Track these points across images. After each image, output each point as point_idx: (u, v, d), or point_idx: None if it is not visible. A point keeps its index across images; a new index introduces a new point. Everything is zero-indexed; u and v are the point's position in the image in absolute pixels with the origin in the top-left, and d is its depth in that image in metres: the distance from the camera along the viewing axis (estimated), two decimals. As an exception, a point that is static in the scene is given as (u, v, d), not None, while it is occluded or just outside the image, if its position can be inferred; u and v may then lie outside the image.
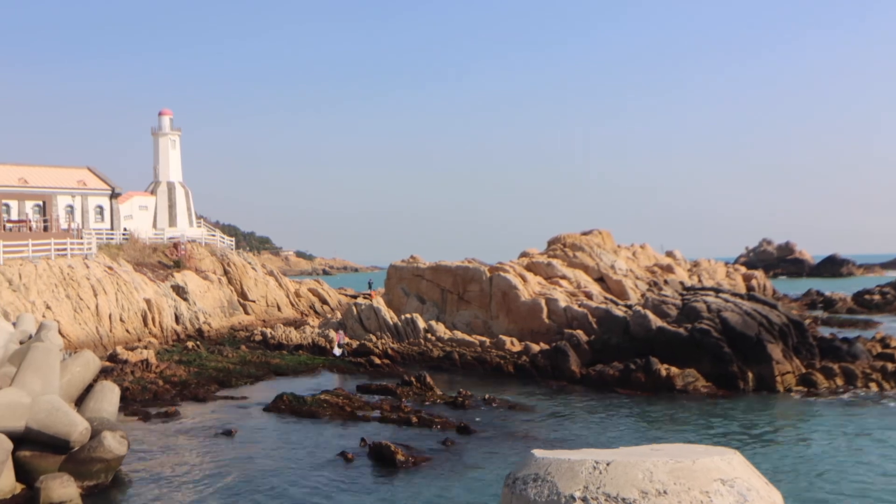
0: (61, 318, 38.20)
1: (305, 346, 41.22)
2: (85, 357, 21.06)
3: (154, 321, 45.18)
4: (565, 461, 2.78)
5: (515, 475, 2.89)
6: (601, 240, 41.01)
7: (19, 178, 55.34)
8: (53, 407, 17.45)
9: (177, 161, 66.48)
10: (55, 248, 43.59)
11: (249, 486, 18.11)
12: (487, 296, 38.07)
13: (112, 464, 17.86)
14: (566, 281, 38.01)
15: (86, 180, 59.49)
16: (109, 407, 19.88)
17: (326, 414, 25.41)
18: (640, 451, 2.94)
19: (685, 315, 32.16)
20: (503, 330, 36.55)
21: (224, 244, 65.08)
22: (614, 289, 37.52)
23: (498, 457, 20.42)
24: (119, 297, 43.89)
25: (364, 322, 41.07)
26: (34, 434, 17.20)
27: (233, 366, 35.29)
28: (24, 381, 17.66)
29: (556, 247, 41.37)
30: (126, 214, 60.96)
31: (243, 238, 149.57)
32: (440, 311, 39.93)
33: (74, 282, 41.87)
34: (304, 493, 17.52)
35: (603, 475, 2.65)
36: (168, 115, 66.94)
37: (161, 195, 64.96)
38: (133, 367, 32.80)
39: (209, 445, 21.97)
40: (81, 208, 57.67)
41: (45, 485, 15.66)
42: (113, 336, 41.19)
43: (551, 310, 35.64)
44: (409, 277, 42.22)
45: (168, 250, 57.63)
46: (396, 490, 17.78)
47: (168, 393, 29.33)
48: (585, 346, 32.83)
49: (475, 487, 17.90)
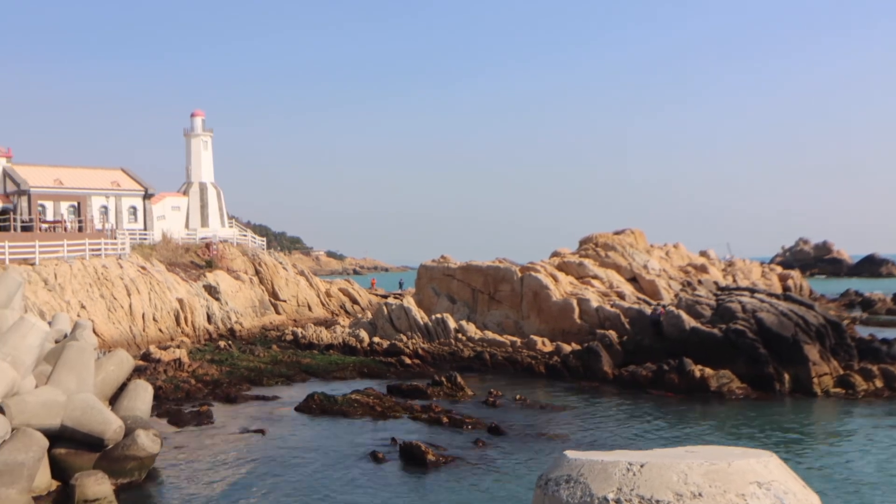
0: (95, 318, 38.63)
1: (336, 345, 41.28)
2: (119, 356, 21.22)
3: (186, 321, 45.54)
4: (598, 462, 2.77)
5: (548, 476, 2.87)
6: (634, 239, 40.58)
7: (55, 179, 56.12)
8: (88, 405, 17.58)
9: (209, 162, 66.99)
10: (90, 249, 44.10)
11: (280, 484, 18.11)
12: (518, 296, 37.85)
13: (145, 462, 17.95)
14: (598, 281, 37.67)
15: (119, 181, 60.17)
16: (143, 405, 20.01)
17: (357, 413, 25.39)
18: (675, 453, 2.93)
19: (719, 315, 31.72)
20: (534, 330, 36.31)
21: (255, 244, 65.47)
22: (647, 289, 37.12)
23: (529, 457, 20.26)
24: (152, 296, 44.29)
25: (394, 322, 41.03)
26: (69, 432, 17.34)
27: (264, 365, 35.44)
28: (60, 380, 17.82)
29: (587, 246, 41.03)
30: (159, 215, 61.54)
31: (274, 238, 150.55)
32: (471, 310, 39.77)
33: (108, 281, 42.32)
34: (334, 493, 17.48)
35: (637, 477, 2.63)
36: (200, 117, 67.48)
37: (193, 196, 65.49)
38: (166, 366, 33.06)
39: (241, 444, 22.04)
40: (115, 209, 58.33)
41: (80, 482, 15.77)
42: (146, 335, 41.58)
43: (583, 310, 35.35)
44: (440, 277, 42.11)
45: (200, 250, 58.09)
46: (427, 490, 17.69)
47: (200, 392, 29.51)
48: (618, 347, 32.51)
49: (506, 488, 17.76)
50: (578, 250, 41.58)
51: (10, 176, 54.65)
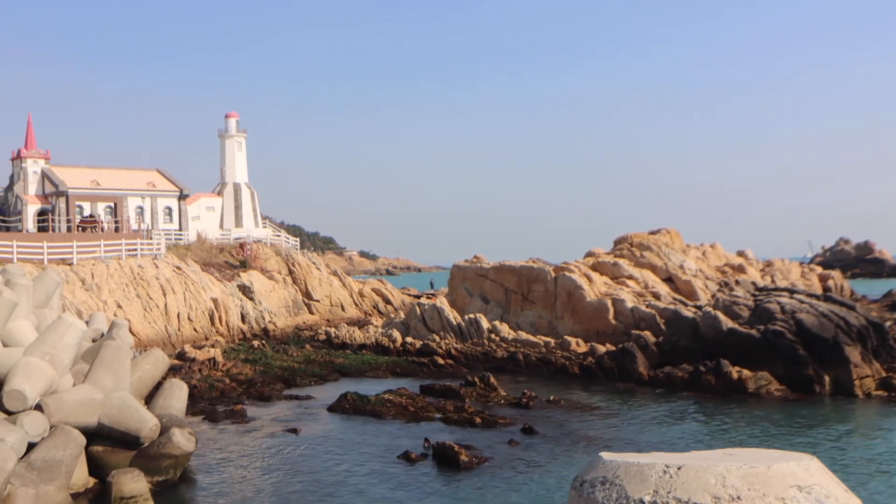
0: (132, 317, 39.07)
1: (369, 345, 41.33)
2: (154, 355, 21.38)
3: (221, 320, 45.90)
4: (634, 464, 2.74)
5: (583, 478, 2.85)
6: (669, 239, 40.10)
7: (92, 180, 56.90)
8: (124, 403, 17.70)
9: (243, 162, 67.49)
10: (126, 249, 44.63)
11: (313, 484, 18.10)
12: (552, 296, 37.58)
13: (180, 460, 18.04)
14: (633, 281, 37.28)
15: (155, 182, 60.85)
16: (178, 404, 20.12)
17: (390, 414, 25.33)
18: (713, 456, 2.89)
19: (758, 316, 31.20)
20: (568, 330, 36.03)
21: (289, 244, 65.84)
22: (683, 289, 36.65)
23: (563, 459, 20.06)
24: (187, 296, 44.70)
25: (427, 322, 40.98)
26: (106, 430, 17.48)
27: (297, 365, 35.57)
28: (97, 378, 17.97)
29: (622, 246, 40.62)
30: (194, 215, 62.13)
31: (308, 238, 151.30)
32: (504, 311, 39.58)
33: (144, 281, 42.78)
34: (367, 493, 17.42)
35: (674, 479, 2.60)
36: (234, 118, 68.02)
37: (227, 196, 66.02)
38: (200, 365, 33.31)
39: (274, 443, 22.09)
40: (151, 209, 59.00)
41: (117, 479, 15.87)
42: (181, 335, 41.96)
43: (618, 310, 34.99)
44: (473, 277, 41.97)
45: (234, 250, 58.54)
46: (460, 490, 17.57)
47: (234, 391, 29.66)
48: (653, 348, 32.13)
49: (540, 489, 17.59)
50: (613, 250, 41.19)
51: (49, 177, 55.53)
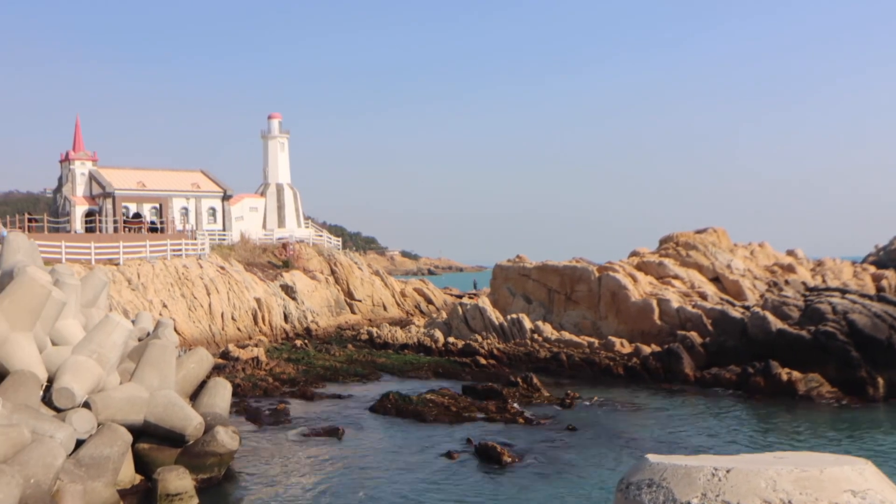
0: (177, 317, 39.52)
1: (411, 345, 41.29)
2: (199, 354, 21.53)
3: (264, 320, 46.25)
4: (682, 467, 2.69)
5: (629, 480, 2.82)
6: (716, 238, 39.39)
7: (138, 181, 57.79)
8: (170, 402, 17.83)
9: (285, 163, 68.03)
10: (171, 249, 45.17)
11: (355, 483, 18.07)
12: (596, 296, 37.15)
13: (224, 458, 18.12)
14: (679, 281, 36.68)
15: (199, 183, 61.59)
16: (222, 403, 20.23)
17: (432, 414, 25.22)
18: (763, 459, 2.84)
19: (808, 317, 30.49)
20: (612, 331, 35.59)
21: (331, 244, 66.18)
22: (731, 289, 35.95)
23: (607, 460, 19.81)
24: (231, 296, 45.11)
25: (469, 322, 40.81)
26: (152, 428, 17.63)
27: (340, 364, 35.67)
28: (143, 377, 18.13)
29: (668, 246, 40.01)
30: (237, 216, 62.77)
31: (350, 238, 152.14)
32: (547, 311, 39.24)
33: (189, 281, 43.26)
34: (409, 493, 17.35)
35: (722, 482, 2.55)
36: (277, 119, 68.58)
37: (270, 197, 66.58)
38: (244, 364, 33.55)
39: (316, 442, 22.12)
40: (195, 210, 59.73)
41: (162, 476, 15.98)
42: (225, 334, 42.35)
43: (663, 310, 34.46)
44: (515, 277, 41.70)
45: (277, 250, 58.99)
46: (502, 491, 17.43)
47: (277, 390, 29.79)
48: (700, 349, 31.58)
49: (583, 491, 17.36)
50: (658, 250, 40.60)
51: (96, 179, 56.52)
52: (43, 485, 13.39)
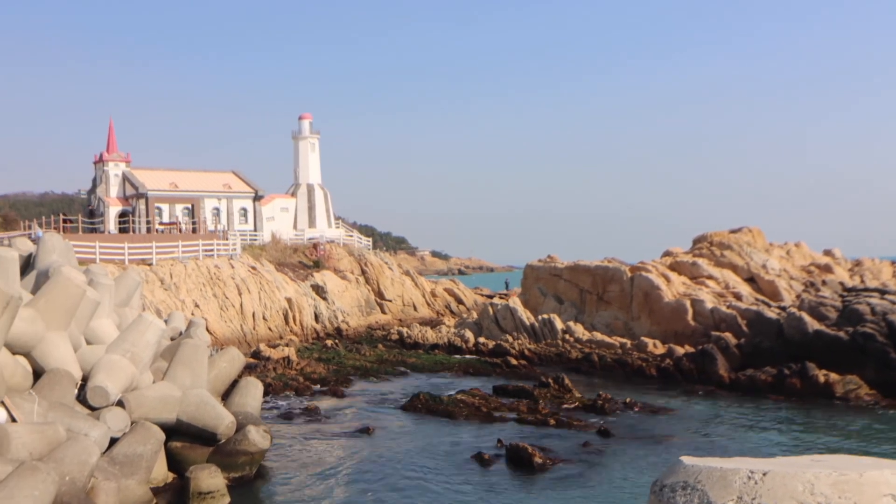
0: (208, 316, 39.81)
1: (441, 345, 41.23)
2: (231, 353, 21.61)
3: (295, 319, 46.46)
4: (717, 469, 2.67)
5: (663, 482, 2.79)
6: (751, 238, 38.85)
7: (170, 182, 58.36)
8: (202, 401, 17.91)
9: (316, 163, 68.34)
10: (203, 249, 45.52)
11: (385, 483, 18.02)
12: (628, 296, 36.82)
13: (256, 457, 18.16)
14: (713, 281, 36.23)
15: (231, 184, 62.06)
16: (253, 402, 20.31)
17: (462, 414, 25.12)
18: (800, 462, 2.80)
19: (846, 318, 29.94)
20: (645, 331, 35.24)
21: (361, 244, 66.36)
22: (766, 289, 35.42)
23: (639, 462, 19.54)
24: (262, 295, 45.36)
25: (500, 322, 40.66)
26: (184, 426, 17.72)
27: (370, 364, 35.70)
28: (175, 376, 18.23)
29: (701, 245, 39.55)
30: (268, 216, 63.18)
31: (380, 238, 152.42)
32: (579, 311, 38.98)
33: (220, 281, 43.57)
34: (439, 493, 17.27)
35: (759, 486, 2.51)
36: (308, 119, 68.92)
37: (301, 197, 66.93)
38: (275, 363, 33.70)
39: (347, 442, 22.10)
40: (227, 211, 60.21)
41: (195, 475, 16.05)
42: (256, 333, 42.59)
43: (697, 311, 34.04)
44: (547, 277, 41.47)
45: (308, 251, 59.27)
46: (533, 492, 17.28)
47: (308, 390, 29.87)
48: (734, 350, 31.14)
49: (615, 493, 17.14)
50: (692, 249, 40.15)
51: (130, 180, 57.16)
52: (78, 482, 13.49)
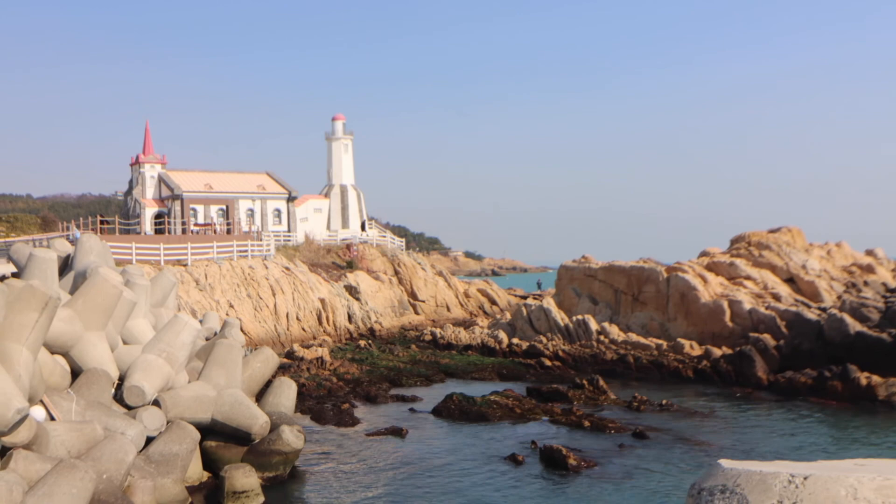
0: (243, 317, 40.04)
1: (475, 346, 41.07)
2: (265, 353, 21.67)
3: (328, 320, 46.57)
4: (756, 473, 2.63)
5: (701, 485, 2.76)
6: (790, 238, 38.16)
7: (205, 184, 58.85)
8: (236, 400, 17.97)
9: (349, 164, 68.52)
10: (237, 250, 45.81)
11: (419, 484, 17.94)
12: (664, 297, 36.37)
13: (290, 457, 18.18)
14: (751, 282, 35.63)
15: (265, 185, 62.43)
16: (287, 402, 20.34)
17: (496, 415, 24.97)
18: (842, 466, 2.74)
19: (889, 319, 29.32)
20: (681, 333, 34.78)
21: (394, 245, 66.39)
22: (806, 290, 34.77)
23: (676, 465, 19.26)
24: (295, 296, 45.53)
25: (534, 323, 40.40)
26: (219, 426, 17.79)
27: (403, 365, 35.64)
28: (210, 376, 18.32)
29: (739, 245, 38.93)
30: (301, 217, 63.45)
31: (413, 239, 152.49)
32: (613, 312, 38.60)
33: (255, 282, 43.80)
34: (474, 495, 17.16)
35: (800, 490, 2.47)
36: (341, 120, 69.11)
37: (334, 198, 67.14)
38: (309, 364, 33.78)
39: (380, 443, 22.05)
40: (261, 212, 60.57)
41: (229, 474, 16.10)
42: (290, 334, 42.76)
43: (734, 312, 33.51)
44: (581, 278, 41.13)
45: (341, 251, 59.44)
46: (568, 495, 17.09)
47: (341, 390, 29.88)
48: (773, 352, 30.62)
49: (651, 496, 16.91)
50: (729, 249, 39.55)
51: (165, 181, 57.75)
52: (115, 480, 13.58)
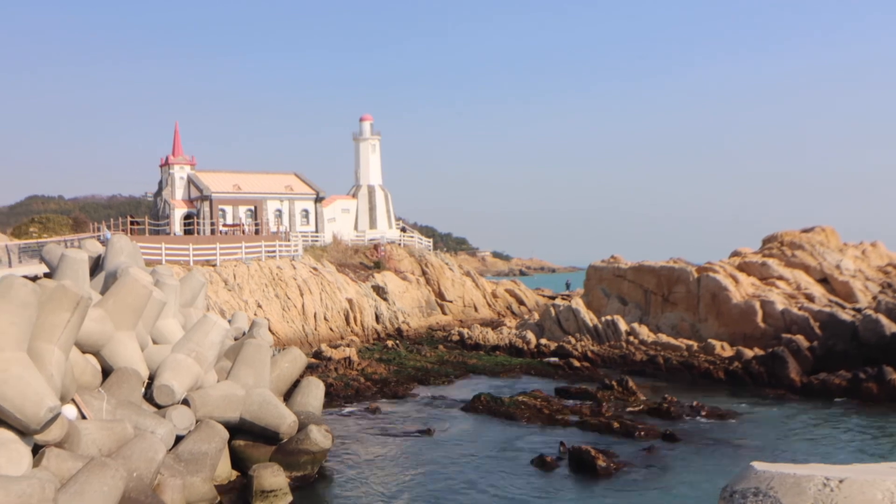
0: (271, 317, 40.23)
1: (502, 346, 40.92)
2: (293, 353, 21.71)
3: (356, 320, 46.66)
4: (790, 476, 2.59)
5: (733, 488, 2.73)
6: (824, 237, 37.58)
7: (233, 184, 59.23)
8: (265, 400, 18.01)
9: (377, 165, 68.62)
10: (265, 250, 46.04)
11: (446, 485, 17.86)
12: (695, 297, 35.97)
13: (317, 456, 18.20)
14: (783, 282, 35.13)
15: (292, 185, 62.70)
16: (315, 402, 20.35)
17: (524, 416, 24.82)
18: (878, 469, 2.71)
19: (925, 320, 28.79)
20: (712, 333, 34.37)
21: (422, 245, 66.40)
22: (840, 291, 34.20)
23: (707, 468, 18.98)
24: (323, 296, 45.67)
25: (562, 323, 40.17)
26: (247, 425, 17.85)
27: (431, 365, 35.59)
28: (239, 375, 18.38)
29: (771, 245, 38.40)
30: (329, 217, 63.64)
31: (440, 239, 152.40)
32: (643, 313, 38.26)
33: (283, 282, 44.00)
34: (501, 496, 17.06)
35: (835, 493, 2.43)
36: (368, 121, 69.23)
37: (362, 198, 67.27)
38: (336, 364, 33.83)
39: (408, 443, 22.01)
40: (289, 212, 60.83)
41: (258, 473, 16.13)
42: (317, 334, 42.89)
43: (766, 313, 33.04)
44: (610, 278, 40.83)
45: (369, 251, 59.56)
46: (597, 497, 16.92)
47: (369, 390, 29.88)
48: (806, 353, 30.15)
49: (681, 499, 16.70)
50: (761, 249, 39.04)
51: (194, 182, 58.21)
52: (145, 478, 13.63)
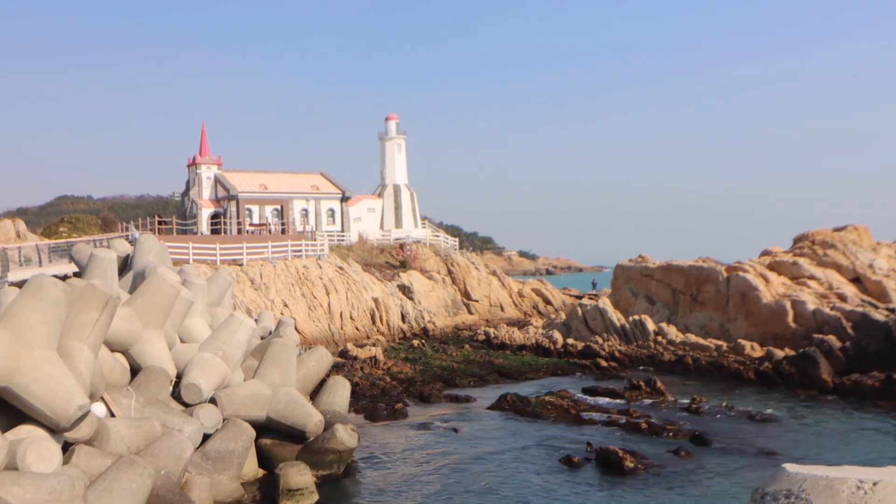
0: (297, 316, 40.38)
1: (529, 346, 40.77)
2: (319, 352, 21.74)
3: (381, 319, 46.70)
4: (823, 478, 2.52)
5: (765, 490, 2.68)
6: (857, 236, 37.01)
7: (260, 184, 59.53)
8: (291, 399, 18.05)
9: (402, 164, 68.67)
10: (291, 250, 46.24)
11: (473, 484, 17.78)
12: (724, 297, 35.57)
13: (343, 455, 18.20)
14: (815, 281, 34.63)
15: (318, 185, 62.91)
16: (341, 401, 20.38)
17: (551, 416, 24.69)
18: None
19: (961, 320, 28.22)
20: (742, 333, 33.96)
21: (448, 244, 66.35)
22: (873, 290, 33.64)
23: (736, 470, 18.74)
24: (349, 295, 45.76)
25: (589, 323, 39.92)
26: (274, 424, 17.90)
27: (457, 364, 35.51)
28: (265, 374, 18.44)
29: (803, 244, 37.89)
30: (355, 217, 63.78)
31: (466, 238, 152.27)
32: (671, 312, 37.91)
33: (309, 281, 44.16)
34: (528, 496, 16.94)
35: (869, 496, 2.35)
36: (394, 120, 69.31)
37: (388, 198, 67.36)
38: (362, 363, 33.88)
39: (434, 442, 21.94)
40: (315, 212, 61.03)
41: (284, 472, 16.15)
42: (343, 333, 42.99)
43: (797, 312, 32.57)
44: (638, 277, 40.51)
45: (394, 251, 59.61)
46: (624, 499, 16.73)
47: (395, 389, 29.87)
48: (839, 353, 29.68)
49: (710, 500, 16.48)
50: (792, 249, 38.54)
51: (221, 182, 58.57)
52: (172, 476, 13.69)
